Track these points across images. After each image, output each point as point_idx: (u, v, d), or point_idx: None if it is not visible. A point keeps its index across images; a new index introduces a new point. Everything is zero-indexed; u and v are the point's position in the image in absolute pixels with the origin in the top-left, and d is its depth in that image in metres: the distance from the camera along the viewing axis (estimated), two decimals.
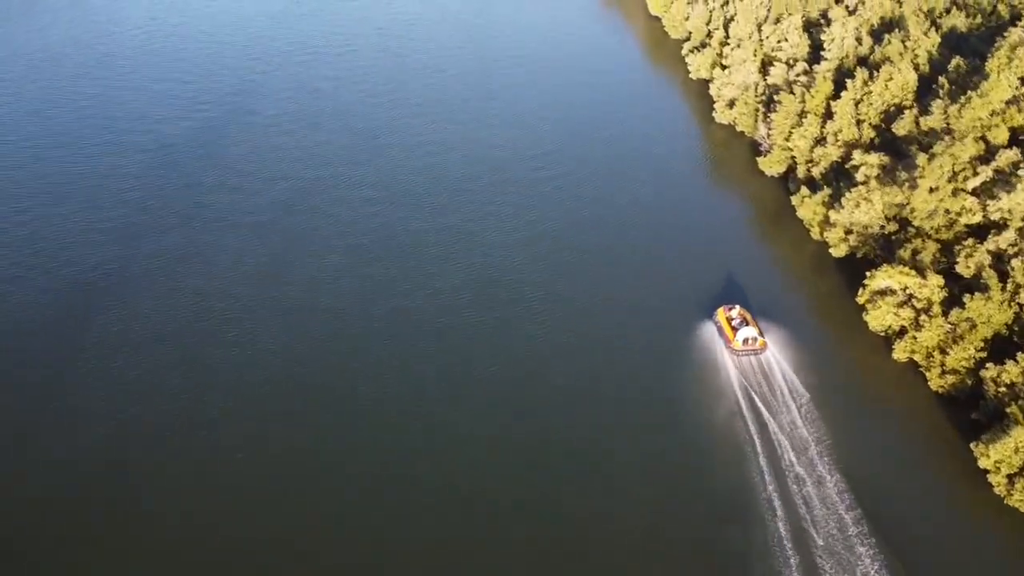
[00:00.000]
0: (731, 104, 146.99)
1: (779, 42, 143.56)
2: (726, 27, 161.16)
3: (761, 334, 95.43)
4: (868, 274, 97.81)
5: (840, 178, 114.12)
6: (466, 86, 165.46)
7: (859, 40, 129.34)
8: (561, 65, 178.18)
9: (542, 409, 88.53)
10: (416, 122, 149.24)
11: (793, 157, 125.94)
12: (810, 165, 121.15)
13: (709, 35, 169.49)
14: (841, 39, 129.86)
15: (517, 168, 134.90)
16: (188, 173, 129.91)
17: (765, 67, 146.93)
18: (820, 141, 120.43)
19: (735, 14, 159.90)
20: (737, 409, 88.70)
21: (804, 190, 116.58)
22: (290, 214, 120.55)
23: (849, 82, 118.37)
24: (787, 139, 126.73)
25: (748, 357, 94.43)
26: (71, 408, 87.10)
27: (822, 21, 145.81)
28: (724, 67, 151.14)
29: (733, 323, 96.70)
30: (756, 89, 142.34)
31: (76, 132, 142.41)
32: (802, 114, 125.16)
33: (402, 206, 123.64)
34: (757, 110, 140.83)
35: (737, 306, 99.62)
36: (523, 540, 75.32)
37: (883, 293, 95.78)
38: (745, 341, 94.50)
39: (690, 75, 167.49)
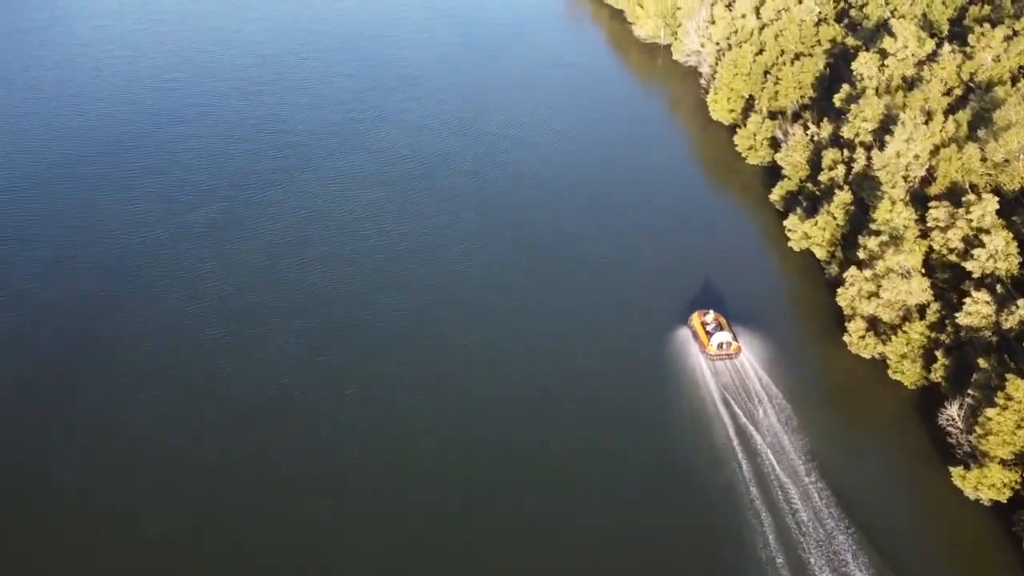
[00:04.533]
0: (874, 328, 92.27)
1: (964, 243, 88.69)
2: (852, 185, 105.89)
3: (735, 338, 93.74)
4: None
5: None
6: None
7: None
8: (601, 200, 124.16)
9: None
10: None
11: None
12: None
13: (814, 182, 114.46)
14: None
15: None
16: None
17: (931, 267, 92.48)
18: None
19: (866, 166, 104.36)
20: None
21: None
22: None
23: None
24: (1017, 449, 72.17)
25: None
26: None
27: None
28: (860, 261, 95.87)
29: (708, 328, 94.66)
30: (926, 318, 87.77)
31: None
32: None
33: None
34: (930, 353, 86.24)
35: (711, 311, 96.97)
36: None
37: None
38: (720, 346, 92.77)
39: (788, 241, 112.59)
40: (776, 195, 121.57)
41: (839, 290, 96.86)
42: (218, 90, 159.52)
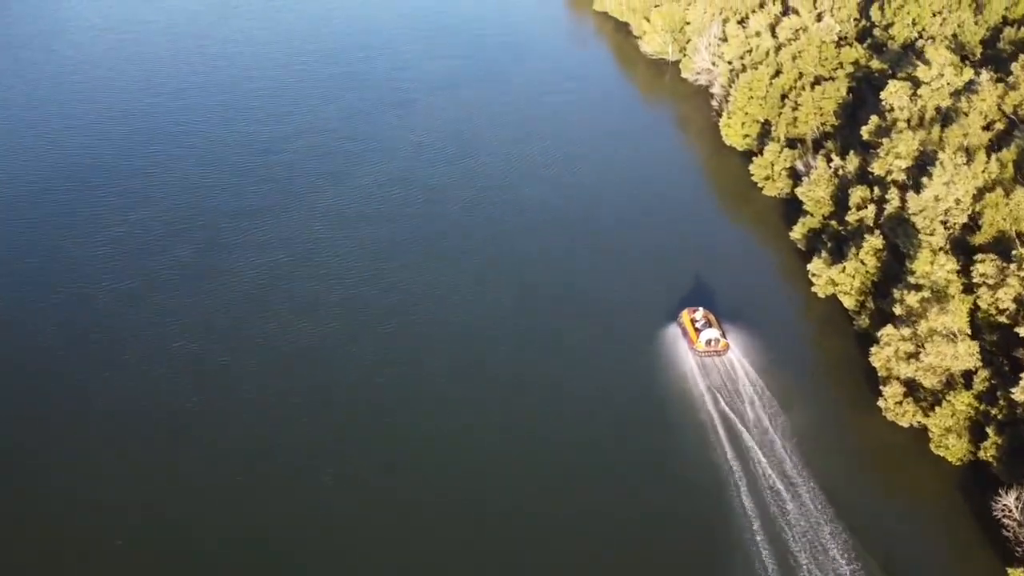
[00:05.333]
0: (911, 391, 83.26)
1: (1016, 303, 79.49)
2: (883, 228, 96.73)
3: (723, 335, 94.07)
4: None
5: None
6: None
7: None
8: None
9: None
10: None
11: None
12: None
13: (840, 221, 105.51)
14: None
15: None
16: None
17: (977, 326, 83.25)
18: None
19: (900, 208, 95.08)
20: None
21: None
22: None
23: None
24: None
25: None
26: None
27: None
28: (894, 315, 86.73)
29: (697, 324, 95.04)
30: (973, 386, 78.68)
31: None
32: None
33: None
34: (977, 426, 77.30)
35: (701, 308, 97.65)
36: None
37: None
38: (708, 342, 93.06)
39: (812, 286, 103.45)
40: (797, 233, 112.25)
41: (873, 350, 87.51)
42: (197, 114, 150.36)
